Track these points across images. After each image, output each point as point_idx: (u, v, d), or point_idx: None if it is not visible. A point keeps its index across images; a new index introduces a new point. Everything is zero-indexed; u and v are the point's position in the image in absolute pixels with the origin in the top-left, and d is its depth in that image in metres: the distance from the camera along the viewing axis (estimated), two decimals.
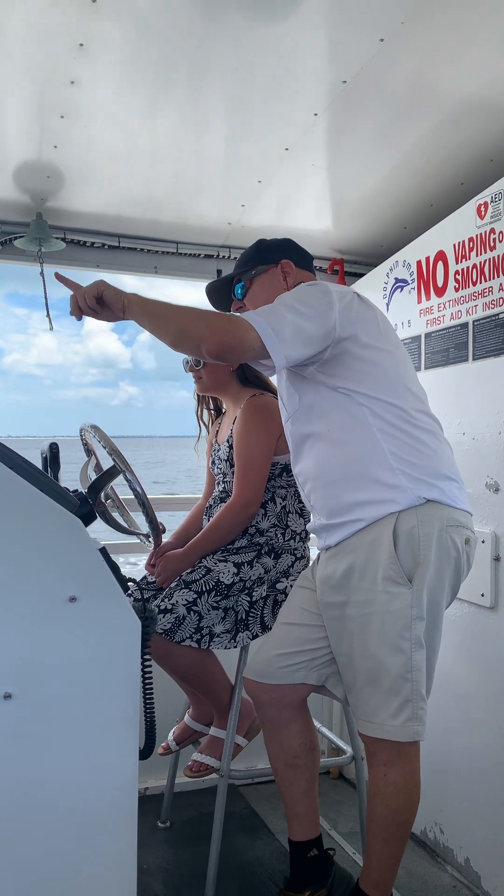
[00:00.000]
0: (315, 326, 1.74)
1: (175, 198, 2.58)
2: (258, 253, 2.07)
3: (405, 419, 1.80)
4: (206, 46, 1.78)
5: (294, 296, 1.79)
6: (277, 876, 2.27)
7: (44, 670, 1.28)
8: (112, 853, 1.35)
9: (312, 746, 2.03)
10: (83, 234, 2.76)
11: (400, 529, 1.74)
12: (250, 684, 2.00)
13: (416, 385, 1.90)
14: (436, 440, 1.85)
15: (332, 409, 1.83)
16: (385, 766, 1.80)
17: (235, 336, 1.68)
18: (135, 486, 1.69)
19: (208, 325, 1.70)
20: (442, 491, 1.78)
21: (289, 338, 1.70)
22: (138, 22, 1.68)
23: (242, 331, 1.69)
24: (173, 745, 2.39)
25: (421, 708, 1.76)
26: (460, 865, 2.30)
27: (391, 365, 1.84)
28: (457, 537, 1.78)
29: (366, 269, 2.97)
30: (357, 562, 1.79)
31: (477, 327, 2.25)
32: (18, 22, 1.68)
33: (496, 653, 2.16)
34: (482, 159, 2.29)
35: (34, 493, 1.28)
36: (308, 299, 1.77)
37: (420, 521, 1.75)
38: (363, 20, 1.69)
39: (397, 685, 1.75)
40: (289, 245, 2.10)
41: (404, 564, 1.74)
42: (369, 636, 1.76)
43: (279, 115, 2.08)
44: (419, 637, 1.75)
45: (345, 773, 3.01)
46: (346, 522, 1.82)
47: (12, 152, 2.24)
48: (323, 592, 1.89)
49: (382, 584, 1.74)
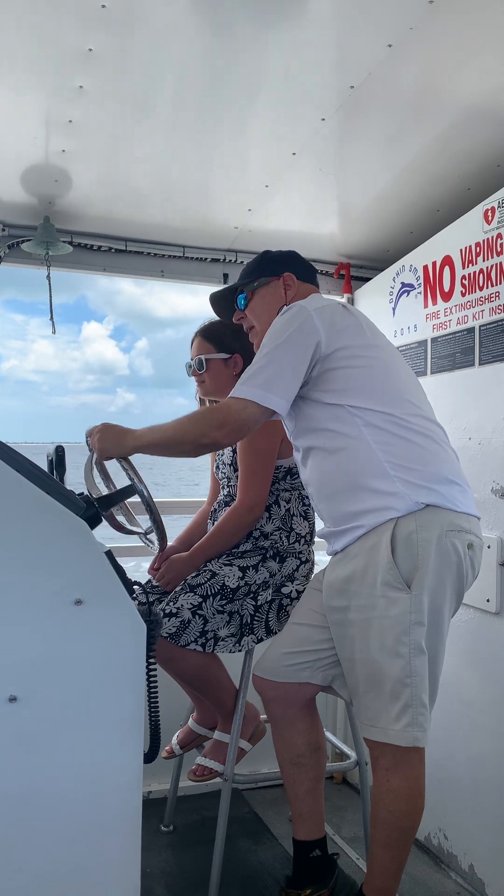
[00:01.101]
0: (299, 359, 1.81)
1: (182, 202, 2.59)
2: (261, 265, 2.10)
3: (400, 425, 1.82)
4: (214, 52, 1.79)
5: (271, 336, 1.84)
6: (281, 880, 2.26)
7: (49, 673, 1.28)
8: (116, 856, 1.35)
9: (318, 747, 2.04)
10: (90, 238, 2.77)
11: (398, 535, 1.75)
12: (258, 681, 2.02)
13: (412, 389, 1.91)
14: (435, 444, 1.85)
15: (327, 422, 1.86)
16: (388, 772, 1.79)
17: (237, 421, 1.78)
18: (141, 491, 1.69)
19: (211, 426, 1.79)
20: (442, 495, 1.79)
21: (280, 386, 1.79)
22: (147, 27, 1.69)
23: (239, 411, 1.78)
24: (177, 748, 2.39)
25: (421, 714, 1.75)
26: (464, 872, 2.30)
27: (382, 372, 1.87)
28: (458, 542, 1.78)
29: (372, 273, 2.97)
30: (358, 567, 1.80)
31: (483, 332, 2.25)
32: (27, 27, 1.68)
33: (501, 658, 2.15)
34: (489, 164, 2.29)
35: (40, 496, 1.29)
36: (286, 332, 1.82)
37: (419, 526, 1.75)
38: (371, 26, 1.70)
39: (397, 690, 1.75)
40: (293, 257, 2.12)
41: (402, 569, 1.74)
42: (370, 641, 1.77)
43: (287, 119, 2.09)
44: (419, 643, 1.75)
45: (349, 779, 3.01)
46: (348, 529, 1.84)
47: (20, 156, 2.25)
48: (328, 597, 1.90)
49: (381, 589, 1.75)
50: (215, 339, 2.31)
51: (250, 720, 2.27)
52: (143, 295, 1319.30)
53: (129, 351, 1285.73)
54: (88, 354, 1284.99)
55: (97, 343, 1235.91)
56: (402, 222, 2.71)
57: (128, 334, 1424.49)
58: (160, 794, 2.71)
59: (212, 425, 1.79)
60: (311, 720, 2.04)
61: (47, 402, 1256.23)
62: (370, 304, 2.92)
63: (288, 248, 2.16)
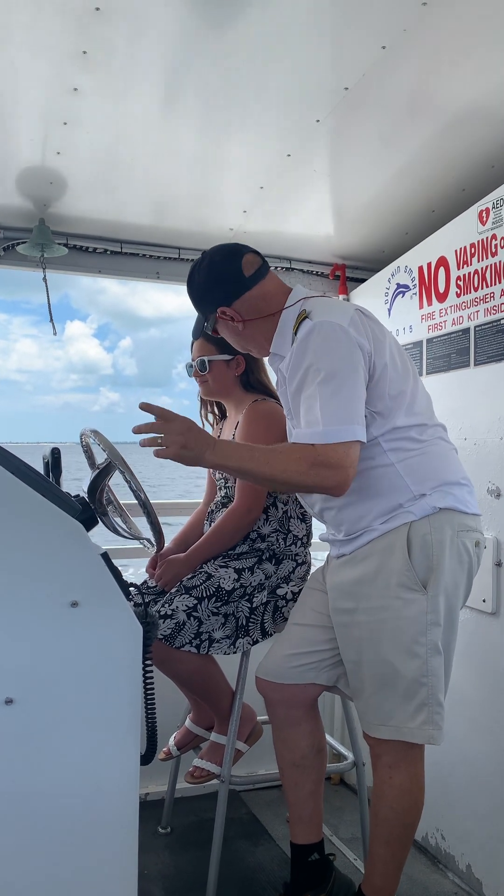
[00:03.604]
0: (358, 382, 1.68)
1: (177, 203, 2.59)
2: (198, 306, 1.96)
3: (416, 440, 1.80)
4: (209, 53, 1.79)
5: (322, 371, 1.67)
6: (278, 882, 2.26)
7: (45, 675, 1.28)
8: (113, 858, 1.35)
9: (320, 748, 2.04)
10: (85, 240, 2.77)
11: (413, 537, 1.75)
12: (262, 683, 2.01)
13: (418, 393, 1.87)
14: (444, 448, 1.86)
15: None
16: (390, 769, 1.80)
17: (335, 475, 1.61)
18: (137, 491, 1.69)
19: (308, 475, 1.63)
20: (456, 497, 1.80)
21: (349, 414, 1.64)
22: (141, 29, 1.69)
23: (330, 454, 1.61)
24: (174, 750, 2.39)
25: (437, 713, 1.76)
26: (462, 872, 2.30)
27: (396, 377, 1.81)
28: (468, 541, 1.80)
29: (367, 274, 2.97)
30: (369, 569, 1.80)
31: (478, 333, 2.26)
32: (22, 29, 1.68)
33: (498, 659, 2.16)
34: (484, 165, 2.30)
35: (36, 498, 1.29)
36: (335, 363, 1.67)
37: (433, 528, 1.76)
38: (365, 27, 1.70)
39: (413, 689, 1.75)
40: (213, 280, 1.88)
41: (418, 571, 1.75)
42: (382, 642, 1.77)
43: (281, 121, 2.09)
44: (436, 643, 1.76)
45: (346, 779, 3.01)
46: (359, 535, 1.84)
47: (15, 158, 2.25)
48: (334, 599, 1.90)
49: (396, 590, 1.75)
50: (217, 341, 2.31)
51: (247, 721, 2.27)
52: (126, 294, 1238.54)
53: (113, 350, 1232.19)
54: (72, 353, 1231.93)
55: (81, 342, 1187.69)
56: (398, 223, 2.71)
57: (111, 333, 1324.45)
58: (157, 796, 2.71)
59: (307, 473, 1.62)
60: (315, 722, 2.04)
61: (30, 402, 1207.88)
62: (365, 305, 2.92)
63: (284, 249, 2.12)
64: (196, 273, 1.92)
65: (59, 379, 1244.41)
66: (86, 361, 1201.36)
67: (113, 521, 1.73)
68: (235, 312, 1.88)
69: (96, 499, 1.63)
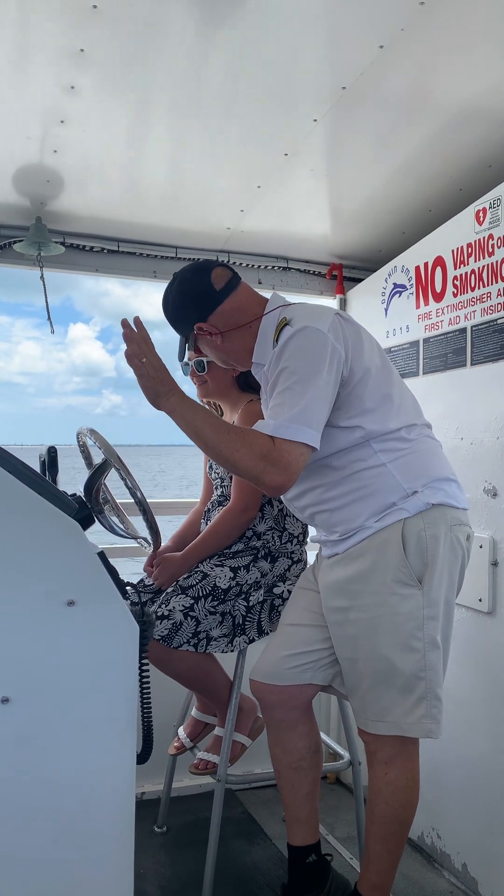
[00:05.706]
0: (326, 390, 1.71)
1: (174, 202, 2.59)
2: (176, 327, 1.96)
3: (406, 439, 1.82)
4: (206, 53, 1.79)
5: (296, 374, 1.71)
6: (274, 881, 2.26)
7: (41, 674, 1.28)
8: (109, 858, 1.35)
9: (317, 749, 2.04)
10: (82, 239, 2.77)
11: (407, 533, 1.77)
12: (257, 686, 2.00)
13: (405, 393, 1.89)
14: (432, 445, 1.88)
15: (332, 439, 1.79)
16: (386, 765, 1.80)
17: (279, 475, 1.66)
18: (133, 490, 1.69)
19: (255, 466, 1.66)
20: (446, 493, 1.82)
21: (307, 418, 1.67)
22: (138, 28, 1.69)
23: (284, 454, 1.65)
24: (187, 742, 2.38)
25: (435, 707, 1.77)
26: (457, 871, 2.30)
27: (381, 380, 1.83)
28: (461, 535, 1.83)
29: (364, 274, 2.97)
30: (363, 567, 1.80)
31: (475, 332, 2.26)
32: (19, 27, 1.68)
33: (493, 658, 2.16)
34: (481, 165, 2.30)
35: (33, 497, 1.28)
36: (308, 367, 1.71)
37: (426, 524, 1.77)
38: (363, 27, 1.70)
39: (411, 683, 1.76)
40: (186, 298, 1.90)
41: (414, 566, 1.76)
42: (378, 638, 1.78)
43: (279, 120, 2.09)
44: (433, 637, 1.77)
45: (342, 779, 3.01)
46: (352, 535, 1.84)
47: (12, 156, 2.24)
48: (327, 597, 1.90)
49: (392, 586, 1.76)
50: None
51: (249, 714, 2.26)
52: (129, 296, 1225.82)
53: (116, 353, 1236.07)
54: (75, 356, 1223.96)
55: (83, 344, 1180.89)
56: (395, 223, 2.72)
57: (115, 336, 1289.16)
58: (153, 795, 2.71)
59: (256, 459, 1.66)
60: (311, 723, 2.04)
61: (33, 404, 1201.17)
62: (362, 304, 2.93)
63: (281, 248, 2.13)
64: (169, 294, 1.94)
65: (61, 381, 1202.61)
66: (88, 364, 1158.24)
67: (110, 519, 1.73)
68: (212, 326, 1.90)
69: (93, 497, 1.63)
